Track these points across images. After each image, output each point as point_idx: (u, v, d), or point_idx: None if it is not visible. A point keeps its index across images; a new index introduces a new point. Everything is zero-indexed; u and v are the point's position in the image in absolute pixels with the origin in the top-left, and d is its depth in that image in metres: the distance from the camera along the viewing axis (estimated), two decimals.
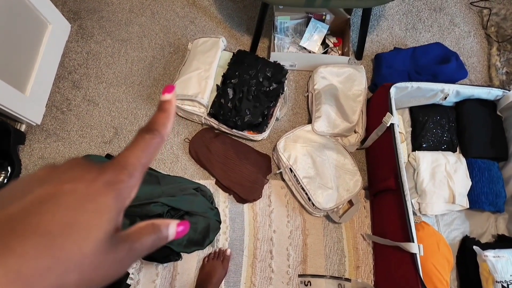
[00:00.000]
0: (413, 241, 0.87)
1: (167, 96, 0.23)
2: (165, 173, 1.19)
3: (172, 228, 0.21)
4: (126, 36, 1.42)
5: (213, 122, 1.20)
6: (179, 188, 1.11)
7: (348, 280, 1.09)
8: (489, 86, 1.14)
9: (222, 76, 1.21)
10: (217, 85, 1.19)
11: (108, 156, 1.18)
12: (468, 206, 1.11)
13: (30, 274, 0.14)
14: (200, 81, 1.18)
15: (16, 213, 0.16)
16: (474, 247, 1.00)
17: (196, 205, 1.09)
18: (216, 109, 1.16)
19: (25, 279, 0.14)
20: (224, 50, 1.28)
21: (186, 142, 1.25)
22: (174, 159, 1.24)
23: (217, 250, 1.10)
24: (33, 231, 0.15)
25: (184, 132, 1.28)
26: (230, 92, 1.16)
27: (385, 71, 1.29)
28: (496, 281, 0.93)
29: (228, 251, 1.10)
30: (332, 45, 1.38)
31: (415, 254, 0.86)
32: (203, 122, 1.23)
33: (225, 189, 1.19)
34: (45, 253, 0.15)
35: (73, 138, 1.25)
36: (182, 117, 1.28)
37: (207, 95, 1.17)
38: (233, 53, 1.25)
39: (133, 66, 1.37)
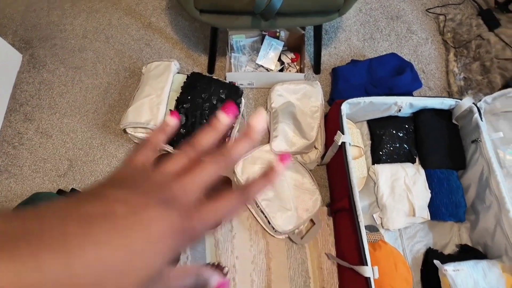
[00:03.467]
0: (367, 264, 0.85)
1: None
2: None
3: (214, 281, 0.25)
4: (80, 63, 1.39)
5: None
6: None
7: None
8: (442, 96, 1.14)
9: (176, 100, 1.18)
10: (170, 110, 1.17)
11: (60, 192, 1.14)
12: (429, 218, 1.10)
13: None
14: (152, 107, 1.15)
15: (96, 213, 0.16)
16: (435, 261, 0.99)
17: None
18: None
19: None
20: (178, 73, 1.26)
21: None
22: None
23: None
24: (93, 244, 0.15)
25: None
26: (183, 117, 1.14)
27: (341, 86, 1.28)
28: None
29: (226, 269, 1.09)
30: (290, 61, 1.36)
31: (369, 278, 0.84)
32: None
33: None
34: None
35: (25, 174, 1.21)
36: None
37: (160, 122, 1.14)
38: (187, 75, 1.22)
39: (88, 94, 1.34)
